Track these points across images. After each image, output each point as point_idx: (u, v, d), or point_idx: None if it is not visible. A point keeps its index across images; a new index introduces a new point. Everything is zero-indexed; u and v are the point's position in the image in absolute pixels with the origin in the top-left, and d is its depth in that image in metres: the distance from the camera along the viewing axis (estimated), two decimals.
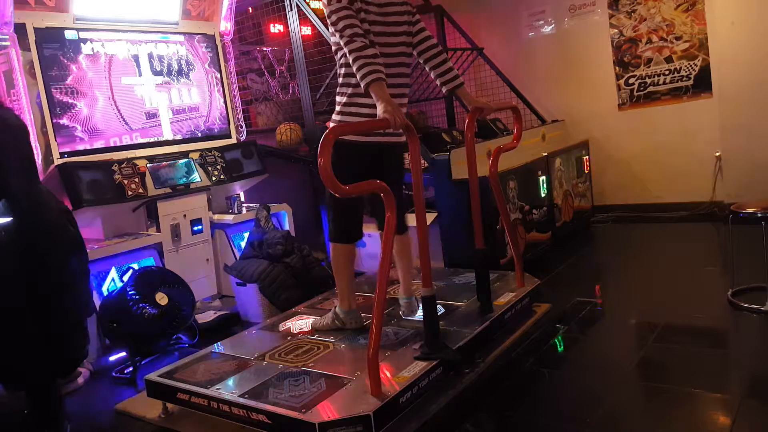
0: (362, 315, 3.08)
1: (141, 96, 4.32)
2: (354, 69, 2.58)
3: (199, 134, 4.68)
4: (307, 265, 4.08)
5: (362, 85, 2.54)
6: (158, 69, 4.45)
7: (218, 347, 3.08)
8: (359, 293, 3.63)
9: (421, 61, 3.02)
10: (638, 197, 5.80)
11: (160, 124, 4.43)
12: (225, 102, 4.89)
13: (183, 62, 4.58)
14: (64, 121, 3.87)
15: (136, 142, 4.25)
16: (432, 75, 3.03)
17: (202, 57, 4.64)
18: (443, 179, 4.11)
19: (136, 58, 4.31)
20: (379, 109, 2.48)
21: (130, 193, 3.94)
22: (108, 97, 4.13)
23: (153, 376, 2.76)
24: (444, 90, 3.02)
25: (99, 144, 4.05)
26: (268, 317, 3.64)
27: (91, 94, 4.03)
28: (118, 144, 4.15)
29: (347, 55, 2.62)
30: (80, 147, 3.94)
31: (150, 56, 4.40)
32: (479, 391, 2.63)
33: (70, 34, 3.95)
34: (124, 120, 4.21)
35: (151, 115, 4.39)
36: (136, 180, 4.00)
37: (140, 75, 4.33)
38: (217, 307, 4.24)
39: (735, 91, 5.05)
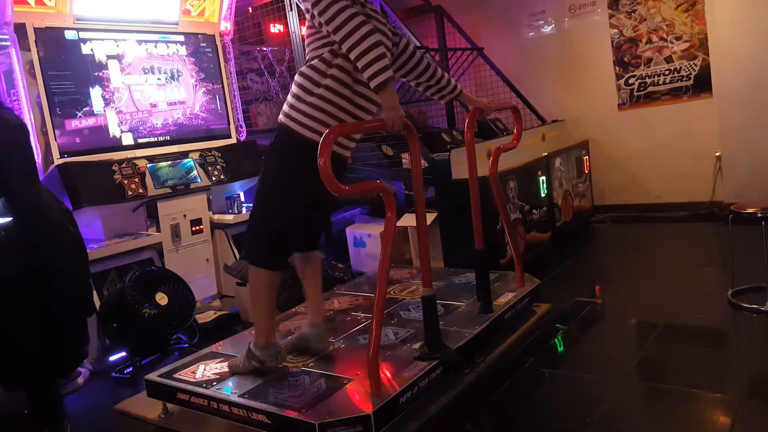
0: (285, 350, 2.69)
1: (141, 93, 4.32)
2: (362, 59, 2.19)
3: (191, 128, 4.67)
4: None
5: (374, 83, 2.22)
6: (157, 69, 4.45)
7: (218, 347, 3.08)
8: (359, 293, 3.65)
9: (411, 78, 2.83)
10: (638, 197, 5.80)
11: (159, 119, 4.44)
12: (226, 102, 4.89)
13: (175, 69, 4.57)
14: (64, 120, 3.87)
15: (137, 140, 4.26)
16: (428, 93, 2.91)
17: (190, 68, 4.65)
18: (443, 179, 4.10)
19: (135, 58, 4.32)
20: (385, 112, 2.31)
21: (130, 193, 3.93)
22: (108, 95, 4.13)
23: (153, 376, 2.75)
24: (443, 101, 2.99)
25: (97, 144, 4.06)
26: None
27: (90, 94, 4.03)
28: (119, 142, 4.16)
29: (345, 37, 2.18)
30: (80, 147, 3.95)
31: (150, 56, 4.40)
32: (479, 391, 2.63)
33: (70, 34, 3.95)
34: (126, 116, 4.21)
35: (153, 105, 4.41)
36: (136, 180, 4.00)
37: (140, 74, 4.33)
38: (217, 307, 4.24)
39: (735, 91, 5.05)
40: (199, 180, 4.35)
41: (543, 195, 4.69)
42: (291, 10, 4.88)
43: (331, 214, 2.07)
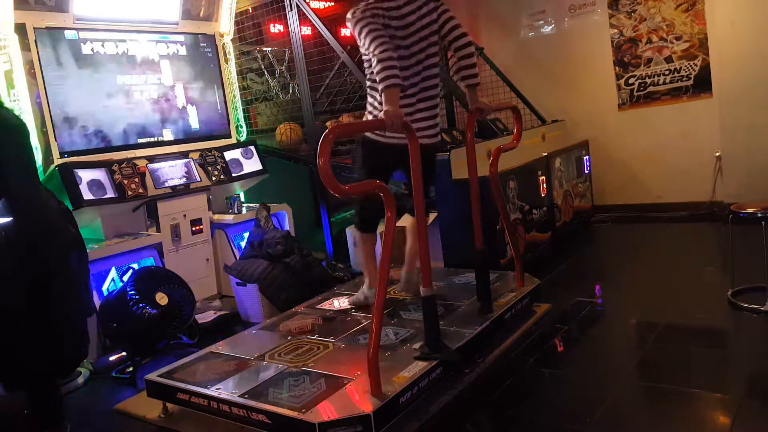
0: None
1: (141, 93, 4.33)
2: (375, 68, 2.74)
3: (191, 128, 4.68)
4: (307, 265, 4.07)
5: (380, 88, 2.72)
6: (157, 69, 4.45)
7: (218, 347, 3.08)
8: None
9: (452, 51, 3.10)
10: (638, 197, 5.80)
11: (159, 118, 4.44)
12: (225, 102, 4.89)
13: (175, 69, 4.57)
14: (64, 120, 3.87)
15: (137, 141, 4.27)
16: (453, 68, 3.13)
17: (190, 68, 4.66)
18: (443, 179, 4.10)
19: (135, 58, 4.32)
20: (384, 111, 2.60)
21: (130, 193, 3.94)
22: (108, 95, 4.13)
23: (153, 376, 2.76)
24: (462, 84, 3.12)
25: (99, 145, 4.06)
26: (268, 317, 3.64)
27: (90, 94, 4.03)
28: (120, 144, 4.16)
29: (369, 51, 2.80)
30: (80, 147, 3.95)
31: (149, 56, 4.40)
32: (479, 391, 2.63)
33: (70, 34, 3.95)
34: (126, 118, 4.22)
35: (153, 104, 4.40)
36: (136, 180, 4.00)
37: (140, 74, 4.34)
38: (217, 307, 4.24)
39: (735, 91, 5.05)
40: (199, 180, 4.36)
41: (543, 195, 4.68)
42: (291, 10, 4.87)
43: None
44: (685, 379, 2.59)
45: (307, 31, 5.17)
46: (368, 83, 3.11)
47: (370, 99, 3.15)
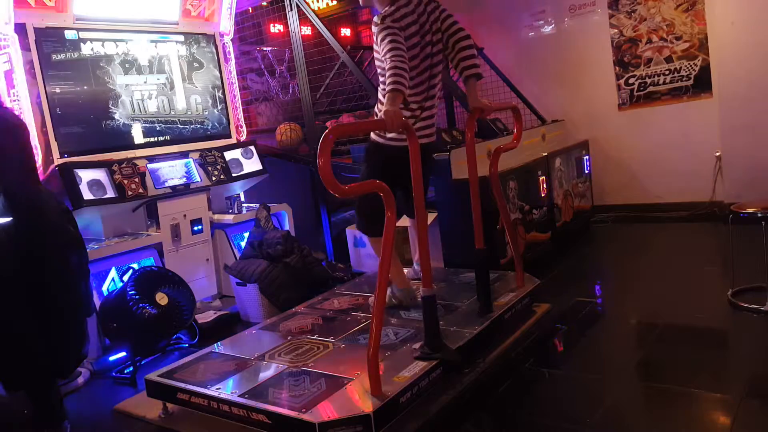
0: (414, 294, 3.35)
1: (141, 93, 4.33)
2: (387, 72, 2.82)
3: (191, 128, 4.68)
4: (307, 265, 4.07)
5: (386, 89, 2.79)
6: (157, 69, 4.45)
7: (218, 347, 3.08)
8: (359, 293, 3.65)
9: (450, 45, 3.14)
10: (638, 197, 5.80)
11: (159, 118, 4.44)
12: (226, 102, 4.89)
13: (175, 69, 4.58)
14: (64, 120, 3.87)
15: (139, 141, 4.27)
16: (454, 60, 3.15)
17: (189, 68, 4.67)
18: (443, 179, 4.10)
19: (135, 58, 4.32)
20: (383, 111, 2.63)
21: (130, 193, 3.94)
22: (108, 95, 4.13)
23: (153, 376, 2.76)
24: (461, 75, 3.13)
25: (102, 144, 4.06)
26: (268, 317, 3.64)
27: (90, 94, 4.03)
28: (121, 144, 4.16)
29: (386, 58, 2.87)
30: (80, 147, 3.95)
31: (149, 56, 4.40)
32: (479, 391, 2.63)
33: (70, 34, 3.95)
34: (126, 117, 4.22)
35: (153, 104, 4.41)
36: (136, 180, 4.00)
37: (140, 74, 4.34)
38: (217, 307, 4.24)
39: (735, 91, 5.04)
40: (199, 180, 4.36)
41: (543, 195, 4.68)
42: (291, 10, 4.87)
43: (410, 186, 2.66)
44: (685, 379, 2.59)
45: (307, 31, 5.17)
46: (380, 92, 3.11)
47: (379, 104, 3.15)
